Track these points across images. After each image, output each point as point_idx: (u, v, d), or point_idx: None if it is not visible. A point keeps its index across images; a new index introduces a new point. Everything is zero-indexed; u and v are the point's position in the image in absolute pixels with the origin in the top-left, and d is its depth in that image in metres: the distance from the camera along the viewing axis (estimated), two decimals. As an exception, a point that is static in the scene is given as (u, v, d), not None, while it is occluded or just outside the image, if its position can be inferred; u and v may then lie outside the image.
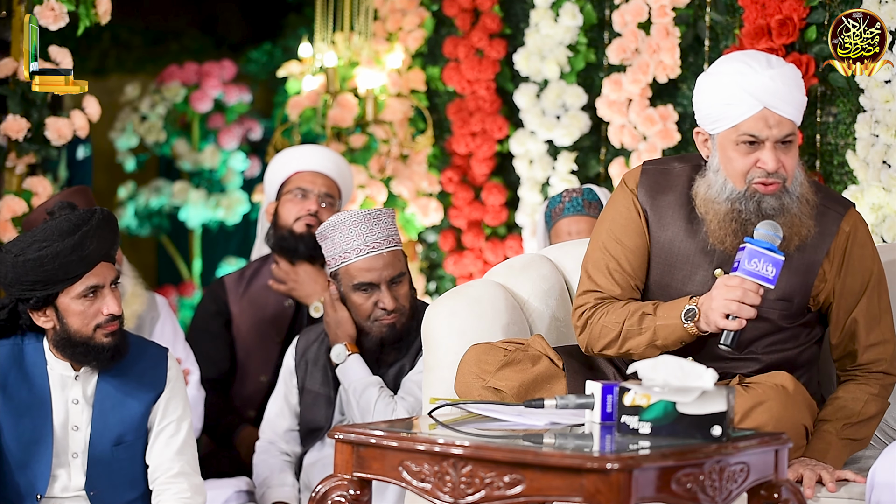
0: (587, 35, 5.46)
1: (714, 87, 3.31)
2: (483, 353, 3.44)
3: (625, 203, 3.46)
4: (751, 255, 3.18)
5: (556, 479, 2.67)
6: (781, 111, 3.25)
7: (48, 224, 3.52)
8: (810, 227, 3.32)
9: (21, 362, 3.60)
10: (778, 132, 3.26)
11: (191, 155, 7.04)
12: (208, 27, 8.24)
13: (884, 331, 3.41)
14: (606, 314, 3.40)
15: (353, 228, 4.01)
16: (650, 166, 3.49)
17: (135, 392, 3.63)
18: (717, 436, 2.77)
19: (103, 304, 3.54)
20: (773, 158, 3.25)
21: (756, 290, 3.18)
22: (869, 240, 3.43)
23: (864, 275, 3.40)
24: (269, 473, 4.19)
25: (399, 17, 5.96)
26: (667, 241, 3.41)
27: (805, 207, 3.31)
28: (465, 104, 5.79)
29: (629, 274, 3.42)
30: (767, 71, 3.25)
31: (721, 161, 3.32)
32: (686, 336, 3.30)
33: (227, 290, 4.89)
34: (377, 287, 4.03)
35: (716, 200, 3.32)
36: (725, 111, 3.28)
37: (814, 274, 3.36)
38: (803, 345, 3.43)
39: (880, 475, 3.07)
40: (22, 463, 3.57)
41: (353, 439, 2.91)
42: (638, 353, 3.33)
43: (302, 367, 4.23)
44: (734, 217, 3.29)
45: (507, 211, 5.78)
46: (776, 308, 3.35)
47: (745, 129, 3.26)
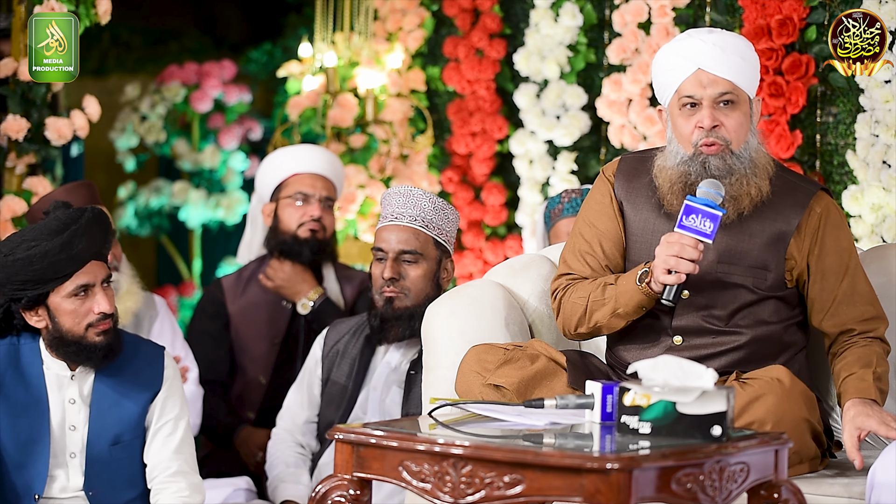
0: (587, 35, 5.46)
1: (659, 57, 3.48)
2: (483, 352, 3.46)
3: (600, 190, 3.57)
4: (688, 211, 3.29)
5: (556, 479, 2.67)
6: (715, 70, 3.38)
7: (38, 223, 3.53)
8: (762, 187, 3.40)
9: (17, 362, 3.60)
10: (712, 91, 3.38)
11: (191, 155, 7.04)
12: (208, 27, 8.24)
13: (874, 308, 3.47)
14: (575, 291, 3.50)
15: (394, 198, 4.06)
16: (628, 156, 3.62)
17: (132, 391, 3.62)
18: (717, 436, 2.77)
19: (94, 303, 3.54)
20: (708, 116, 3.38)
21: (694, 244, 3.28)
22: (842, 221, 3.51)
23: (842, 255, 3.46)
24: (283, 466, 4.18)
25: (399, 17, 5.96)
26: (641, 223, 3.49)
27: (756, 170, 3.41)
28: (465, 104, 5.79)
29: (601, 256, 3.51)
30: (703, 35, 3.42)
31: (673, 131, 3.46)
32: (644, 300, 3.38)
33: (225, 291, 4.89)
34: (387, 256, 4.05)
35: (668, 167, 3.43)
36: (667, 78, 3.43)
37: (785, 243, 3.43)
38: (785, 321, 3.47)
39: (880, 475, 3.07)
40: (19, 463, 3.56)
41: (353, 439, 2.91)
42: (604, 323, 3.44)
43: (331, 357, 4.22)
44: (682, 180, 3.40)
45: (507, 211, 5.79)
46: (750, 276, 3.42)
47: (683, 91, 3.41)
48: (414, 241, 4.04)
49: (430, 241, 4.06)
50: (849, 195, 4.57)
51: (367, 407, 4.12)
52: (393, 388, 4.09)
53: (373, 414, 4.11)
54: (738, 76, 3.39)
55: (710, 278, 3.41)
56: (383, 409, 4.09)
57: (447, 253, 4.11)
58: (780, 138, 4.69)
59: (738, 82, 3.39)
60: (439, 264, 4.09)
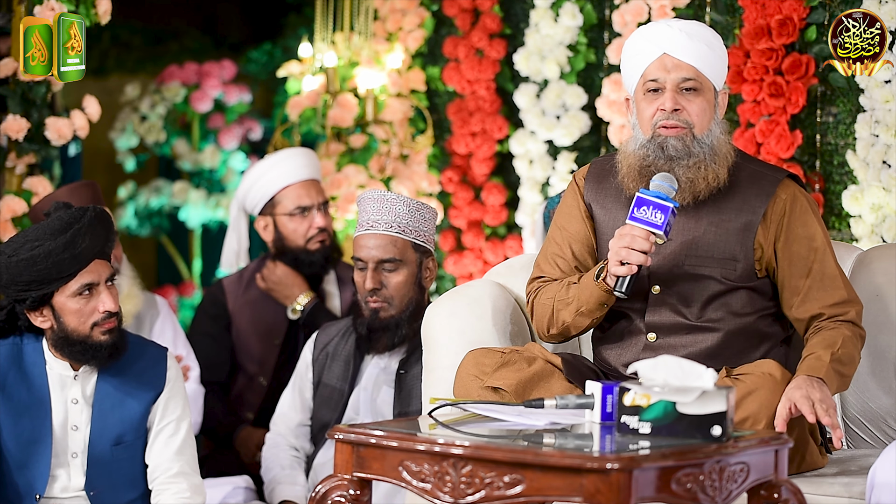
0: (587, 35, 5.46)
1: (627, 44, 3.50)
2: (480, 355, 3.47)
3: (570, 194, 3.61)
4: (639, 203, 3.31)
5: (556, 479, 2.67)
6: (679, 55, 3.40)
7: (41, 223, 3.53)
8: (719, 174, 3.41)
9: (20, 362, 3.60)
10: (676, 75, 3.40)
11: (191, 155, 7.04)
12: (208, 27, 8.24)
13: (846, 291, 3.45)
14: (544, 293, 3.52)
15: (369, 204, 4.05)
16: (599, 158, 3.66)
17: (134, 392, 3.63)
18: (717, 436, 2.77)
19: (99, 302, 3.54)
20: (671, 99, 3.41)
21: (645, 236, 3.30)
22: (809, 206, 3.49)
23: (809, 241, 3.45)
24: (278, 469, 4.18)
25: (399, 17, 5.95)
26: (611, 222, 3.50)
27: (715, 156, 3.42)
28: (465, 104, 5.79)
29: (570, 258, 3.54)
30: (671, 22, 3.46)
31: (637, 117, 3.47)
32: (604, 296, 3.39)
33: (226, 292, 4.89)
34: (366, 265, 4.04)
35: (628, 152, 3.46)
36: (633, 63, 3.46)
37: (752, 233, 3.43)
38: (760, 312, 3.47)
39: (880, 475, 3.07)
40: (21, 463, 3.56)
41: (353, 439, 2.91)
42: (570, 322, 3.46)
43: (321, 360, 4.22)
44: (641, 162, 3.43)
45: (507, 211, 5.78)
46: (719, 266, 3.42)
47: (647, 75, 3.44)
48: (392, 249, 4.03)
49: (409, 245, 4.05)
50: (849, 195, 4.57)
51: (359, 408, 4.13)
52: (383, 389, 4.10)
53: (365, 415, 4.11)
54: (702, 63, 3.41)
55: (679, 272, 3.43)
56: (375, 409, 4.10)
57: (428, 252, 4.10)
58: (780, 138, 4.69)
59: (703, 69, 3.41)
60: (420, 265, 4.09)
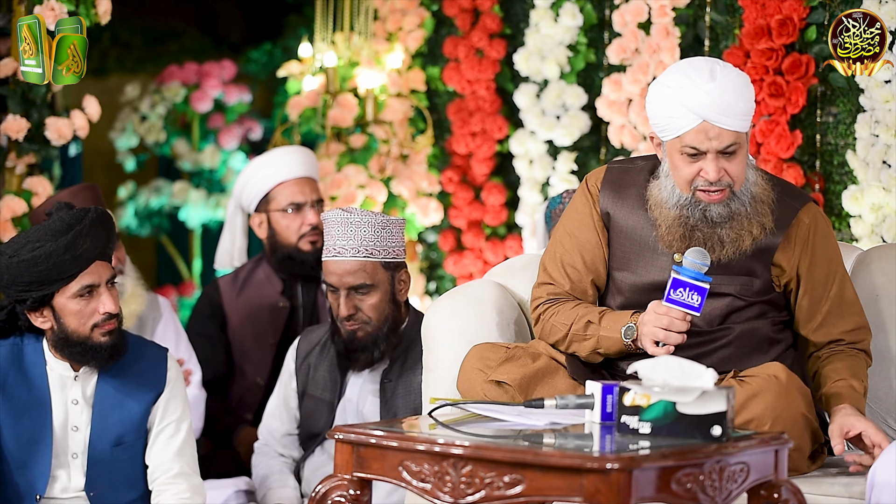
0: (587, 35, 5.46)
1: (658, 99, 3.37)
2: (485, 350, 3.49)
3: (582, 201, 3.57)
4: (675, 285, 3.27)
5: (556, 479, 2.67)
6: (721, 123, 3.30)
7: (42, 224, 3.53)
8: (766, 223, 3.39)
9: (20, 363, 3.60)
10: (718, 144, 3.32)
11: (191, 155, 7.04)
12: (208, 27, 8.24)
13: (861, 318, 3.50)
14: (557, 314, 3.51)
15: (333, 227, 3.98)
16: (614, 165, 3.59)
17: (134, 392, 3.63)
18: (717, 436, 2.77)
19: (99, 303, 3.54)
20: (714, 169, 3.33)
21: (682, 317, 3.29)
22: (831, 231, 3.52)
23: (830, 265, 3.48)
24: (268, 473, 4.17)
25: (399, 17, 5.95)
26: (629, 228, 3.49)
27: (759, 206, 3.40)
28: (465, 104, 5.79)
29: (581, 268, 3.52)
30: (707, 84, 3.30)
31: (670, 167, 3.40)
32: (627, 349, 3.40)
33: (222, 291, 4.89)
34: (338, 290, 4.01)
35: (665, 205, 3.41)
36: (669, 123, 3.35)
37: (771, 254, 3.44)
38: (771, 320, 3.49)
39: (880, 475, 3.07)
40: (21, 463, 3.56)
41: (353, 439, 2.91)
42: (583, 356, 3.48)
43: (304, 371, 4.19)
44: (681, 223, 3.38)
45: (507, 211, 5.78)
46: (737, 283, 3.43)
47: (686, 141, 3.33)
48: (363, 274, 3.95)
49: (378, 266, 3.97)
50: (849, 195, 4.57)
51: (346, 418, 4.11)
52: (368, 398, 4.07)
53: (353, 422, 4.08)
54: (742, 124, 3.33)
55: None
56: (362, 418, 4.08)
57: (399, 265, 4.02)
58: (780, 138, 4.69)
59: (742, 129, 3.34)
60: (393, 281, 4.02)
